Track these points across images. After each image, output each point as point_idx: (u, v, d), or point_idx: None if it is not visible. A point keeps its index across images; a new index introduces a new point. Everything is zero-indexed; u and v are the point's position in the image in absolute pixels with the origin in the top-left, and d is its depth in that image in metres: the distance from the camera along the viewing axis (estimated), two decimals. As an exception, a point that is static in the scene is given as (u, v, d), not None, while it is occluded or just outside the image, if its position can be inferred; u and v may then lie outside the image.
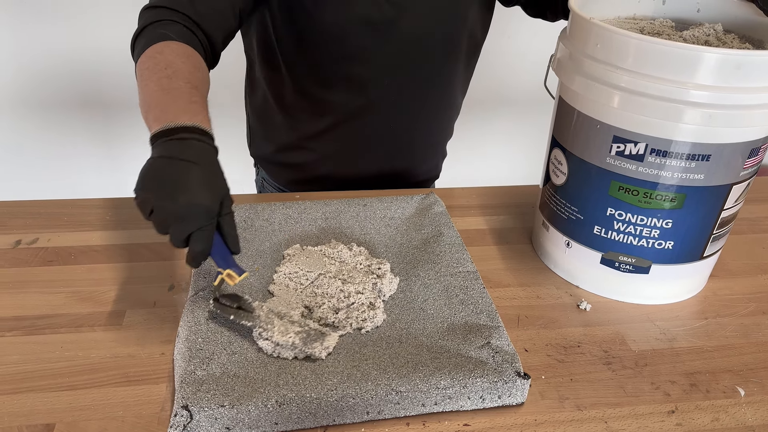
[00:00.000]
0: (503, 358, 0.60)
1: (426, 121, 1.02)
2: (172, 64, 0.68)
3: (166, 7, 0.76)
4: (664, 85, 0.60)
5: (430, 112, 1.01)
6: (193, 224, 0.56)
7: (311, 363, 0.60)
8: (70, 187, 1.99)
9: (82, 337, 0.65)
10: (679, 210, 0.66)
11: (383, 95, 0.95)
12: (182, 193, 0.55)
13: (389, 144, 1.01)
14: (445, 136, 1.10)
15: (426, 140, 1.06)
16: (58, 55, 1.77)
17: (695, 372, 0.64)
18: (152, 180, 0.57)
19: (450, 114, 1.06)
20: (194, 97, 0.65)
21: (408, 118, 0.99)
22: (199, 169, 0.57)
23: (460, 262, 0.74)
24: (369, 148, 1.01)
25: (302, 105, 0.98)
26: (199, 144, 0.59)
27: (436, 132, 1.07)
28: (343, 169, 1.04)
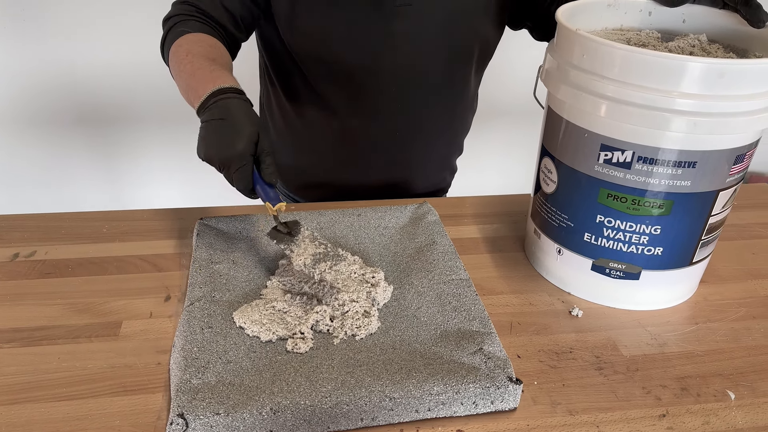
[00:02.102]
0: (495, 364, 0.61)
1: (429, 134, 1.03)
2: (191, 51, 0.79)
3: (179, 2, 0.88)
4: (649, 94, 0.61)
5: (433, 126, 1.02)
6: (233, 167, 0.67)
7: (306, 370, 0.60)
8: (68, 201, 2.00)
9: (79, 348, 0.66)
10: (668, 216, 0.67)
11: (386, 106, 0.96)
12: (217, 147, 0.68)
13: (391, 154, 1.02)
14: (453, 150, 1.11)
15: (431, 154, 1.07)
16: (55, 70, 1.78)
17: (686, 376, 0.65)
18: (200, 143, 0.70)
19: (456, 129, 1.07)
20: (214, 68, 0.76)
21: (410, 130, 1.00)
22: (228, 123, 0.68)
23: (453, 270, 0.75)
24: (370, 157, 1.02)
25: (306, 110, 1.00)
26: (225, 101, 0.70)
27: (442, 146, 1.08)
28: (344, 177, 1.05)
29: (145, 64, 1.80)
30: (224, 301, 0.70)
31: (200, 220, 0.83)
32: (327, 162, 1.04)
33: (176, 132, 1.93)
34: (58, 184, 1.98)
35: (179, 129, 1.92)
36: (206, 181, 2.01)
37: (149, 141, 1.94)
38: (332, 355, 0.63)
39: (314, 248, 0.74)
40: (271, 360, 0.62)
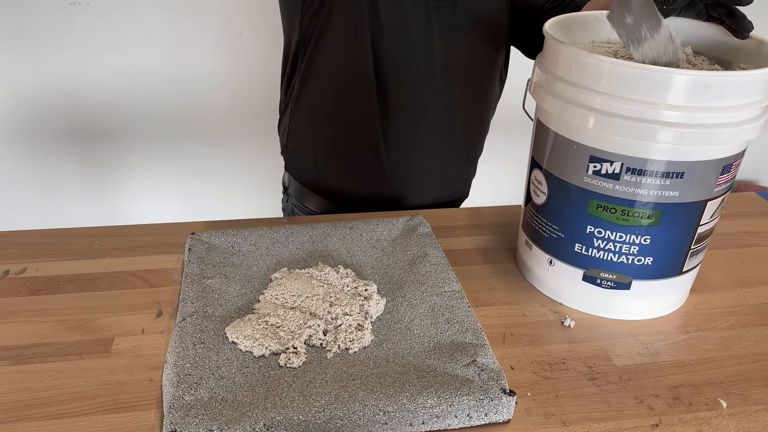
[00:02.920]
0: (489, 376, 0.61)
1: (467, 135, 1.05)
2: None
3: None
4: (637, 106, 0.62)
5: (470, 125, 1.04)
6: None
7: (299, 385, 0.60)
8: (59, 217, 1.99)
9: (70, 365, 0.65)
10: (657, 226, 0.68)
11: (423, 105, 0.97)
12: None
13: (410, 160, 1.02)
14: (478, 151, 1.12)
15: (464, 155, 1.08)
16: (45, 85, 1.78)
17: (678, 385, 0.65)
18: None
19: (479, 130, 1.09)
20: None
21: (449, 129, 1.02)
22: None
23: (445, 282, 0.76)
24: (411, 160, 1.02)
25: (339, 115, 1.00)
26: None
27: (474, 148, 1.09)
28: (355, 188, 1.05)
29: (134, 79, 1.80)
30: (216, 316, 0.69)
31: (192, 234, 0.83)
32: (345, 170, 1.04)
33: (167, 146, 1.92)
34: (48, 200, 1.97)
35: (170, 143, 1.92)
36: (198, 196, 2.01)
37: (140, 155, 1.93)
38: (326, 369, 0.63)
39: None
40: (264, 375, 0.62)
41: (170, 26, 1.75)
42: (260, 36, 1.81)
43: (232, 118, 1.92)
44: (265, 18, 1.78)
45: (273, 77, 1.86)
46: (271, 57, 1.84)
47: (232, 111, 1.91)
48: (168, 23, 1.75)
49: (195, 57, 1.81)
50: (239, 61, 1.84)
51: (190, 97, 1.86)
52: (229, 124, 1.93)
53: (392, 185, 1.03)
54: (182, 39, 1.78)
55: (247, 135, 1.95)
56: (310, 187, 1.08)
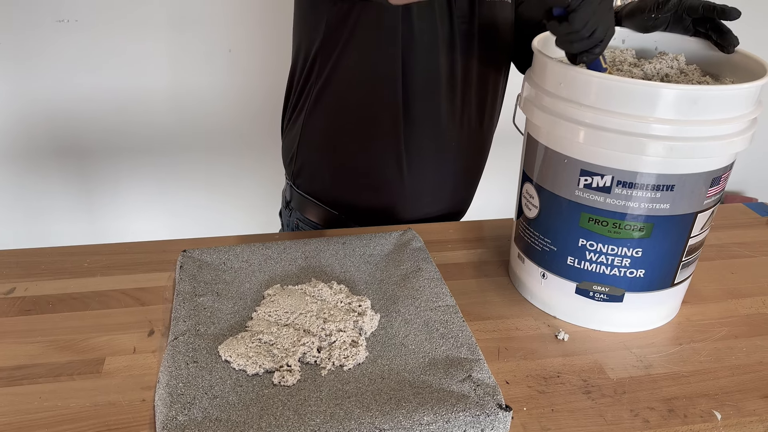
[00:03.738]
0: (485, 391, 0.61)
1: (481, 147, 1.06)
2: None
3: None
4: (626, 120, 0.62)
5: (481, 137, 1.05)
6: None
7: (294, 403, 0.60)
8: (48, 235, 1.97)
9: (61, 386, 0.64)
10: (648, 239, 0.68)
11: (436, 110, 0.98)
12: None
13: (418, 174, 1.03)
14: (484, 160, 1.14)
15: (481, 166, 1.10)
16: (34, 103, 1.77)
17: (672, 398, 0.66)
18: None
19: (491, 137, 1.10)
20: None
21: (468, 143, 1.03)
22: None
23: (439, 297, 0.76)
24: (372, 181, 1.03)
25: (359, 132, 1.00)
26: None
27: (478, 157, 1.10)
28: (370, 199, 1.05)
29: (123, 95, 1.80)
30: (209, 335, 0.69)
31: (183, 251, 0.82)
32: (363, 180, 1.04)
33: (156, 163, 1.92)
34: (37, 218, 1.95)
35: (159, 160, 1.91)
36: (189, 212, 2.01)
37: (129, 172, 1.93)
38: (320, 386, 0.62)
39: None
40: (258, 394, 0.61)
41: (158, 43, 1.75)
42: (249, 52, 1.81)
43: (222, 134, 1.92)
44: (253, 34, 1.79)
45: (264, 93, 1.87)
46: (262, 73, 1.85)
47: (222, 127, 1.91)
48: (156, 40, 1.75)
49: (183, 74, 1.81)
50: (228, 77, 1.84)
51: (179, 113, 1.86)
52: (219, 141, 1.93)
53: (407, 196, 1.03)
54: (170, 55, 1.78)
55: (237, 150, 1.94)
56: (320, 199, 1.07)
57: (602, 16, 0.65)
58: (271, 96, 1.78)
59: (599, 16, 0.64)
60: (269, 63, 1.83)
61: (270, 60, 1.83)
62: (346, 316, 0.70)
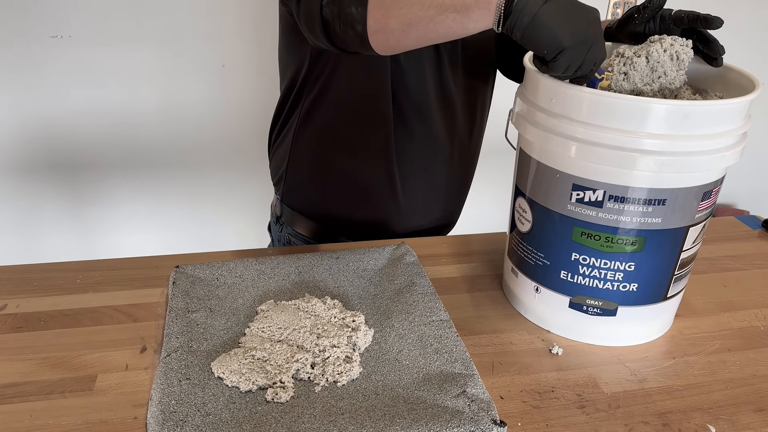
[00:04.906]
0: (479, 407, 0.61)
1: (471, 161, 1.06)
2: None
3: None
4: (617, 135, 0.63)
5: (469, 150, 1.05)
6: None
7: (287, 420, 0.59)
8: (39, 251, 1.96)
9: (52, 404, 0.64)
10: (640, 253, 0.69)
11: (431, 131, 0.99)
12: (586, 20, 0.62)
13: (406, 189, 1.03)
14: (471, 174, 1.14)
15: (467, 180, 1.10)
16: (26, 118, 1.77)
17: (667, 412, 0.66)
18: (561, 20, 0.61)
19: (479, 150, 1.11)
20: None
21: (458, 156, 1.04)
22: None
23: (433, 311, 0.75)
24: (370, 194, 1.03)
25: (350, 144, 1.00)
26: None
27: (466, 169, 1.11)
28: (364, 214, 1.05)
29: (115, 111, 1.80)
30: (202, 351, 0.68)
31: (176, 267, 0.82)
32: (356, 198, 1.04)
33: (149, 178, 1.91)
34: (28, 234, 1.94)
35: (152, 175, 1.91)
36: (182, 227, 2.00)
37: (121, 188, 1.92)
38: (314, 403, 0.62)
39: None
40: (251, 411, 0.61)
41: (152, 58, 1.76)
42: (242, 67, 1.82)
43: (214, 148, 1.92)
44: (247, 50, 1.79)
45: (256, 108, 1.87)
46: (255, 88, 1.85)
47: (216, 142, 1.91)
48: (150, 55, 1.75)
49: (177, 89, 1.81)
50: (222, 92, 1.85)
51: (172, 128, 1.86)
52: (211, 155, 1.92)
53: (399, 212, 1.04)
54: (164, 70, 1.78)
55: (229, 165, 1.94)
56: (310, 215, 1.08)
57: (583, 53, 0.62)
58: (264, 110, 1.79)
59: (579, 55, 0.62)
60: (262, 78, 1.84)
61: (263, 75, 1.83)
62: (340, 332, 0.70)
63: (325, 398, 0.63)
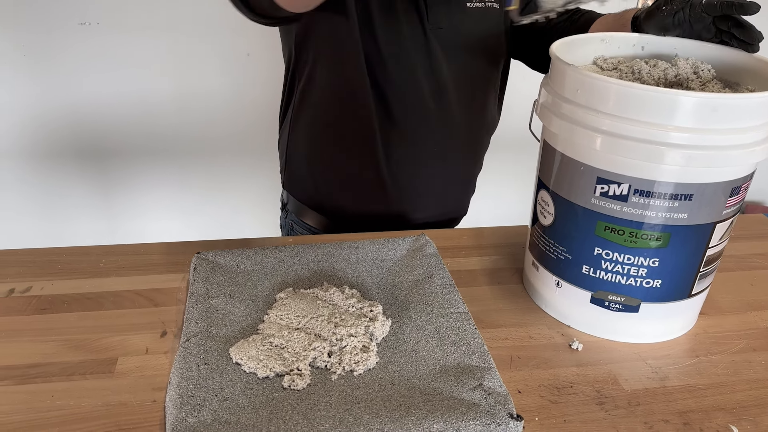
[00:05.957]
0: (496, 400, 0.60)
1: (466, 153, 1.05)
2: None
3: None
4: (644, 128, 0.62)
5: (467, 142, 1.04)
6: None
7: (303, 407, 0.60)
8: (65, 235, 2.00)
9: (73, 385, 0.65)
10: (665, 249, 0.67)
11: (410, 128, 0.98)
12: None
13: (409, 179, 1.03)
14: (478, 169, 1.12)
15: (462, 172, 1.08)
16: (54, 104, 1.80)
17: (688, 411, 0.64)
18: None
19: (476, 149, 1.09)
20: None
21: (431, 153, 1.02)
22: None
23: (451, 303, 0.75)
24: (386, 184, 1.02)
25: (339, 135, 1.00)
26: None
27: (470, 164, 1.09)
28: (357, 205, 1.05)
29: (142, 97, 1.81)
30: (221, 337, 0.69)
31: (197, 253, 0.83)
32: (346, 189, 1.04)
33: (174, 165, 1.93)
34: (56, 219, 1.98)
35: (177, 162, 1.93)
36: (205, 214, 2.02)
37: (146, 174, 1.94)
38: (330, 391, 0.62)
39: None
40: (268, 397, 0.61)
41: (179, 46, 1.77)
42: (268, 56, 1.82)
43: (239, 136, 1.93)
44: (272, 38, 1.80)
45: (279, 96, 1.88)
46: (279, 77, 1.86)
47: (240, 129, 1.92)
48: (176, 43, 1.76)
49: (203, 76, 1.83)
50: (247, 80, 1.85)
51: (197, 115, 1.87)
52: (236, 143, 1.94)
53: (392, 203, 1.03)
54: (190, 58, 1.79)
55: (253, 153, 1.96)
56: (309, 205, 1.09)
57: None
58: (288, 100, 1.79)
59: None
60: (287, 67, 1.84)
61: (288, 64, 1.84)
62: (358, 321, 0.70)
63: (342, 387, 0.63)
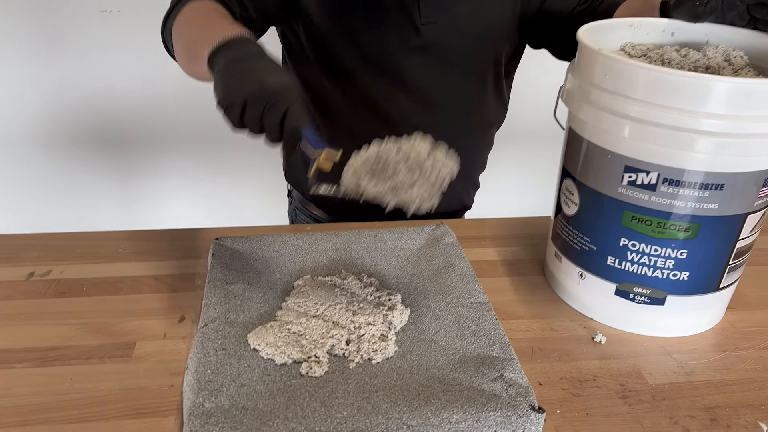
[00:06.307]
0: (517, 392, 0.59)
1: (456, 150, 1.03)
2: (205, 13, 0.74)
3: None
4: (675, 114, 0.60)
5: (455, 142, 1.02)
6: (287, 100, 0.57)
7: (321, 395, 0.59)
8: (85, 221, 2.01)
9: (91, 369, 0.65)
10: (694, 240, 0.65)
11: (407, 123, 0.96)
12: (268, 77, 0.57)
13: None
14: (478, 166, 1.10)
15: None
16: (76, 93, 1.81)
17: (715, 406, 0.63)
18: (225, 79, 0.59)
19: (478, 144, 1.07)
20: (232, 22, 0.71)
21: None
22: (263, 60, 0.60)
23: (471, 293, 0.74)
24: None
25: (330, 131, 0.99)
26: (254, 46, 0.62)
27: (467, 161, 1.07)
28: None
29: (162, 85, 1.82)
30: (239, 323, 0.68)
31: (216, 240, 0.82)
32: None
33: (193, 152, 1.94)
34: (77, 204, 1.99)
35: (196, 149, 1.93)
36: (224, 201, 2.02)
37: (166, 161, 1.95)
38: (348, 379, 0.61)
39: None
40: (286, 384, 0.61)
41: (199, 34, 1.77)
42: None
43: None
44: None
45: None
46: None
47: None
48: (197, 31, 1.76)
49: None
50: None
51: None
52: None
53: None
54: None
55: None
56: (302, 192, 1.10)
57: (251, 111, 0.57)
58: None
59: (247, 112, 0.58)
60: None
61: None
62: (376, 310, 0.69)
63: (360, 375, 0.62)
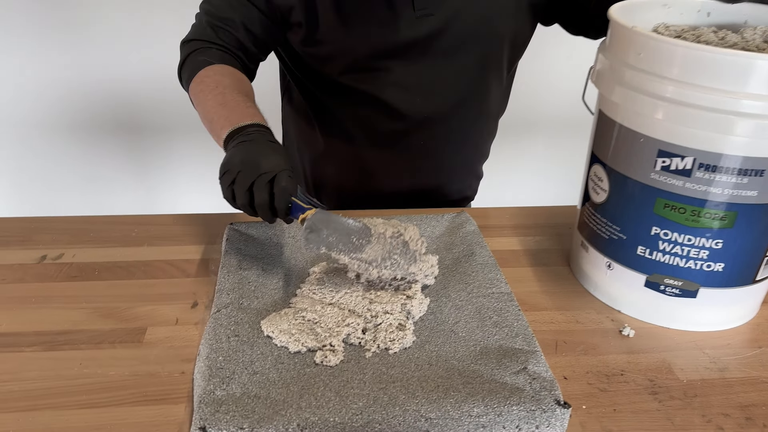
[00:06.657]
0: (541, 386, 0.56)
1: (456, 141, 1.00)
2: (221, 83, 0.81)
3: (202, 22, 0.89)
4: (713, 95, 0.56)
5: (459, 132, 0.99)
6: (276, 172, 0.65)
7: (336, 384, 0.57)
8: (102, 205, 2.02)
9: (101, 354, 0.63)
10: (730, 229, 0.62)
11: (412, 114, 0.93)
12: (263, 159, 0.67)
13: (419, 161, 0.99)
14: (479, 156, 1.08)
15: (456, 160, 1.03)
16: (95, 79, 1.80)
17: (750, 404, 0.59)
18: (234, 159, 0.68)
19: (482, 134, 1.04)
20: (248, 103, 0.79)
21: (435, 137, 0.97)
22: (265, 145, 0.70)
23: (493, 283, 0.71)
24: (399, 164, 0.99)
25: (330, 121, 0.97)
26: (260, 134, 0.72)
27: (468, 152, 1.04)
28: (371, 185, 1.02)
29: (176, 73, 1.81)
30: (252, 309, 0.66)
31: (230, 225, 0.80)
32: (349, 170, 1.01)
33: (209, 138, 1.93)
34: (93, 189, 2.00)
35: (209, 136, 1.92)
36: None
37: (181, 147, 1.95)
38: (364, 369, 0.59)
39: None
40: (299, 372, 0.58)
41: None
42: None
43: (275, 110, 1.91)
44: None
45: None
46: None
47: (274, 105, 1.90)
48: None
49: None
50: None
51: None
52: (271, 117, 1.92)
53: (372, 183, 1.03)
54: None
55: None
56: (302, 177, 1.10)
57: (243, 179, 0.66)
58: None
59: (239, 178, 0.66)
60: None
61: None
62: (394, 299, 0.67)
63: (376, 365, 0.60)
